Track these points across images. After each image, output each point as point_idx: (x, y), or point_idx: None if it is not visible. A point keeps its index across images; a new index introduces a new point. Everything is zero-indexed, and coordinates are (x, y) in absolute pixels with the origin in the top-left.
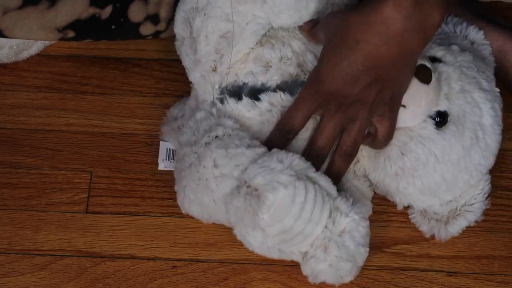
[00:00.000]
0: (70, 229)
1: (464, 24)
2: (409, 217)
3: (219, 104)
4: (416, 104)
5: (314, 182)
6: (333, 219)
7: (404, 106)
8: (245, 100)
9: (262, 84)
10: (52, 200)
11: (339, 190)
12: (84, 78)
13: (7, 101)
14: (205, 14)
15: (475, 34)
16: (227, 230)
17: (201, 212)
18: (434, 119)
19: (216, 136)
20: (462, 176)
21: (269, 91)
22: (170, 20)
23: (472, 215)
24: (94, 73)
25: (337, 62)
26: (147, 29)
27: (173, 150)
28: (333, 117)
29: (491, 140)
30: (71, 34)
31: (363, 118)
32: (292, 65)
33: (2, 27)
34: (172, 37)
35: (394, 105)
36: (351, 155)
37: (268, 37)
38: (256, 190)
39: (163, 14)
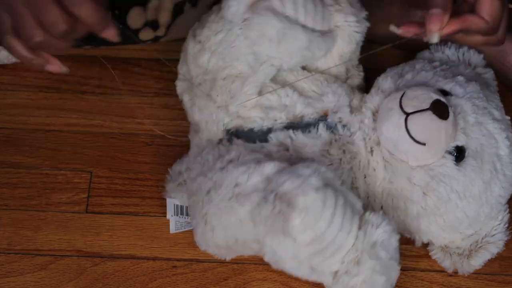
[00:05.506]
0: (70, 229)
1: (465, 48)
2: (430, 253)
3: (226, 142)
4: (436, 140)
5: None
6: (365, 230)
7: (424, 144)
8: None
9: (268, 129)
10: (52, 200)
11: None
12: (84, 78)
13: (7, 101)
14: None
15: (476, 58)
16: None
17: (226, 237)
18: (452, 154)
19: (230, 161)
20: (484, 210)
21: (278, 131)
22: (170, 26)
23: (494, 246)
24: (94, 73)
25: None
26: (146, 34)
27: (181, 206)
28: None
29: (509, 170)
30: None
31: None
32: (297, 105)
33: None
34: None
35: None
36: None
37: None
38: (285, 195)
39: (162, 19)
